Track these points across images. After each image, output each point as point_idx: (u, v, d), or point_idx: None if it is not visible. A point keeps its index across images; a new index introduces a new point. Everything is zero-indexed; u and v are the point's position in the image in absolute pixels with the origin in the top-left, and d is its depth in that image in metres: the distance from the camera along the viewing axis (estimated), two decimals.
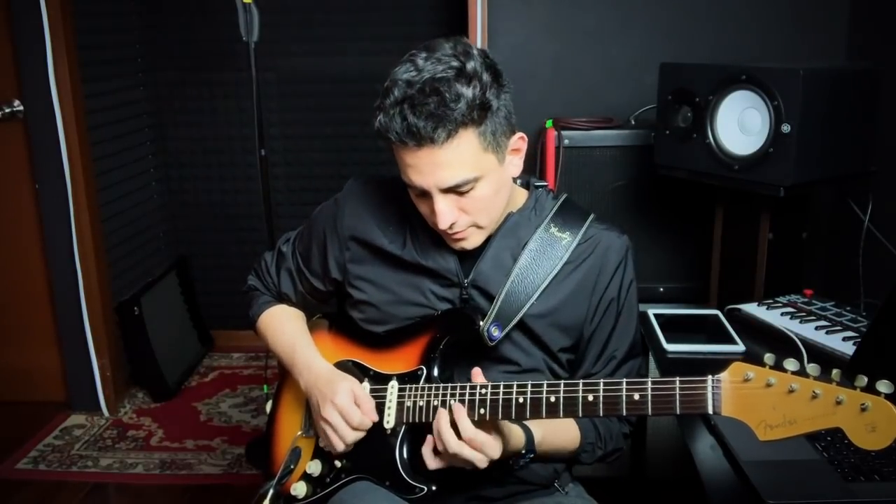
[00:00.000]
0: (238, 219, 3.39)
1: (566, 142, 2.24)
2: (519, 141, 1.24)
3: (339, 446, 1.25)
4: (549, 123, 2.30)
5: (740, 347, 1.53)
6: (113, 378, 2.92)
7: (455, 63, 1.13)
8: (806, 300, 1.73)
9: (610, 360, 1.34)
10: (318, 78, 3.20)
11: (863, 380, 0.93)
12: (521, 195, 1.35)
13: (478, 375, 1.18)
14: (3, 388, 2.98)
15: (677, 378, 1.03)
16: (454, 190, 1.17)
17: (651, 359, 1.58)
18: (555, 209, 1.33)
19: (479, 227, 1.24)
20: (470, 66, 1.14)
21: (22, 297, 2.93)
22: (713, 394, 1.00)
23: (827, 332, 1.54)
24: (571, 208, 1.34)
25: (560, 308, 1.29)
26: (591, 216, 1.34)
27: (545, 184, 1.39)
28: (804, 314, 1.64)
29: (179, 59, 3.24)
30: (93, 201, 2.82)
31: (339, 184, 1.42)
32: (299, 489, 1.30)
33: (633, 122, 2.34)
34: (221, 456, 2.63)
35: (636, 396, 1.05)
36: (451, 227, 1.21)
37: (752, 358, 1.01)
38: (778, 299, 1.74)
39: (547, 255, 1.28)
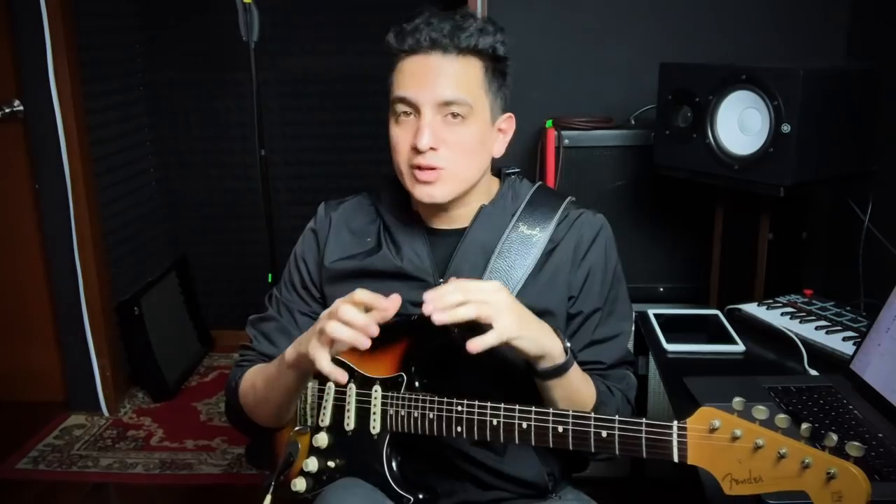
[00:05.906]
0: (238, 219, 3.39)
1: (566, 142, 2.24)
2: (507, 120, 1.28)
3: (344, 334, 1.07)
4: (549, 123, 2.30)
5: (740, 347, 1.53)
6: (113, 378, 2.93)
7: (474, 19, 1.22)
8: (806, 300, 1.73)
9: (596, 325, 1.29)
10: (318, 78, 3.20)
11: (832, 439, 0.89)
12: (494, 185, 1.35)
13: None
14: (3, 388, 2.98)
15: (643, 420, 1.00)
16: (446, 109, 1.19)
17: (651, 359, 1.57)
18: (528, 198, 1.32)
19: (450, 174, 1.21)
20: (489, 25, 1.22)
21: (22, 298, 2.94)
22: (678, 442, 0.97)
23: (827, 332, 1.54)
24: (546, 195, 1.34)
25: (538, 300, 1.26)
26: (568, 198, 1.33)
27: (517, 170, 1.38)
28: (804, 314, 1.64)
29: (179, 59, 3.25)
30: (93, 201, 2.82)
31: (339, 183, 1.42)
32: (299, 484, 1.31)
33: (633, 122, 2.34)
34: (221, 456, 2.63)
35: (604, 434, 1.03)
36: (425, 156, 1.19)
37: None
38: (778, 299, 1.74)
39: (520, 252, 1.27)
